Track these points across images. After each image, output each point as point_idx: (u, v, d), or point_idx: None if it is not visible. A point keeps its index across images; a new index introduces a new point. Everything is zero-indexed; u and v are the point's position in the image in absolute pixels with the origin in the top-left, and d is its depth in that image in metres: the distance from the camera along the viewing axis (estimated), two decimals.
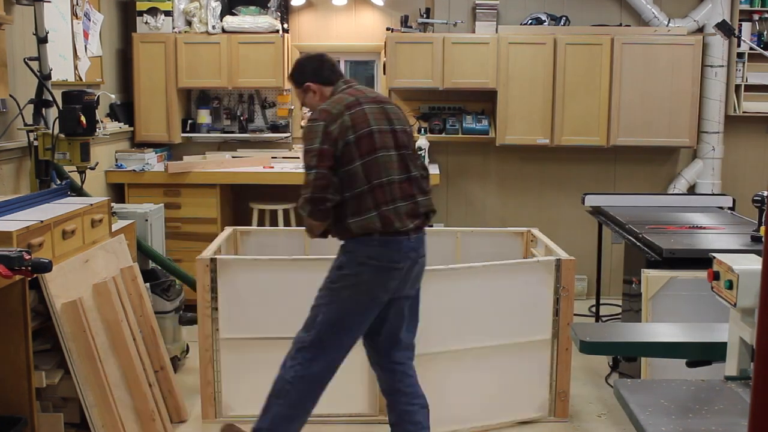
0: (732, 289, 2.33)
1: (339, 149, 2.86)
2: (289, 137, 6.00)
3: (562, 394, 3.79)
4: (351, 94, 3.00)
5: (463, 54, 5.53)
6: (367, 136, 2.91)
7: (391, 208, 2.89)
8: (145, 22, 5.60)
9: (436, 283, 3.52)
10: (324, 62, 3.12)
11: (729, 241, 3.79)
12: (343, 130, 2.87)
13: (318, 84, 3.08)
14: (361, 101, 2.98)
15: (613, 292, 5.82)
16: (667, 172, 6.00)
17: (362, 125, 2.91)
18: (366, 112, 2.95)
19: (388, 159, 2.93)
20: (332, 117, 2.90)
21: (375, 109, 2.99)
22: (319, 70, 3.09)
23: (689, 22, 5.75)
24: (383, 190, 2.89)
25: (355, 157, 2.88)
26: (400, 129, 3.03)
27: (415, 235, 2.95)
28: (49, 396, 3.27)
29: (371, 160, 2.90)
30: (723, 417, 2.08)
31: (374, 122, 2.95)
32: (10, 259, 2.55)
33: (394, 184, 2.92)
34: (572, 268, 3.73)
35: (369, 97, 3.03)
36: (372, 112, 2.97)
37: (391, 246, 2.89)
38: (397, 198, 2.91)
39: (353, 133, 2.89)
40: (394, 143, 2.97)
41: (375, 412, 3.76)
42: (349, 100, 2.97)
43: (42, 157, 3.97)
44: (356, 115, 2.92)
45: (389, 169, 2.92)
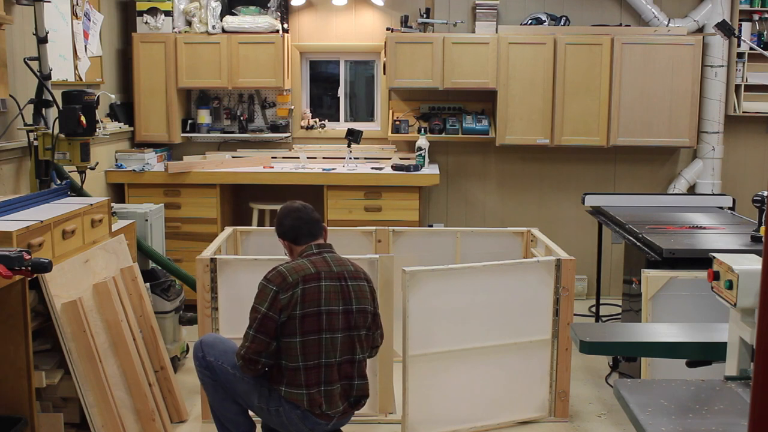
0: (732, 289, 2.33)
1: (281, 320, 2.83)
2: (289, 137, 6.00)
3: (562, 394, 3.79)
4: (315, 265, 2.92)
5: (463, 54, 5.53)
6: (315, 316, 2.85)
7: (322, 390, 2.88)
8: (145, 22, 5.60)
9: (435, 283, 3.53)
10: (302, 223, 3.04)
11: (729, 241, 3.79)
12: (292, 303, 2.82)
13: (287, 242, 3.06)
14: (322, 276, 2.89)
15: (613, 292, 5.82)
16: (667, 172, 6.00)
17: (312, 303, 2.85)
18: (321, 290, 2.87)
19: (330, 341, 2.87)
20: (286, 286, 2.84)
21: (332, 287, 2.90)
22: (296, 231, 3.03)
23: (689, 22, 5.75)
24: (318, 372, 2.86)
25: (296, 333, 2.83)
26: (357, 309, 2.94)
27: (338, 420, 2.96)
28: (49, 396, 3.27)
29: (312, 340, 2.85)
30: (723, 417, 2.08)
31: (325, 302, 2.87)
32: (10, 259, 2.55)
33: (331, 366, 2.89)
34: (572, 268, 3.73)
35: (332, 272, 2.92)
36: (327, 291, 2.88)
37: (307, 423, 2.90)
38: (331, 380, 2.90)
39: (300, 309, 2.83)
40: (343, 325, 2.90)
41: (375, 412, 3.76)
42: (309, 271, 2.88)
43: (42, 157, 3.97)
44: (309, 290, 2.85)
45: (329, 352, 2.87)
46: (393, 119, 5.78)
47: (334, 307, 2.89)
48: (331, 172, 5.43)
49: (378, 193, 5.34)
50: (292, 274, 2.85)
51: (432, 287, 3.52)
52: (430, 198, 6.02)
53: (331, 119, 6.15)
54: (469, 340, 3.61)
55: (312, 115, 6.10)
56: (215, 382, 3.02)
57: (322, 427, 2.94)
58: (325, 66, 6.19)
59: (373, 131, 6.00)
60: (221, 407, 3.06)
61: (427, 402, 3.57)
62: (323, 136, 6.03)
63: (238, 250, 4.41)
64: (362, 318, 2.95)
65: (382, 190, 5.34)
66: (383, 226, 4.55)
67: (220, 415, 3.08)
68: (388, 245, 4.43)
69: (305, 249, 3.00)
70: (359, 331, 2.94)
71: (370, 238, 4.45)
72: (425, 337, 3.52)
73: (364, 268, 3.63)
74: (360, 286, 2.98)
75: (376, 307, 3.05)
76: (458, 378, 3.62)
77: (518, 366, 3.73)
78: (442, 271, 3.57)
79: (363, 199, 5.31)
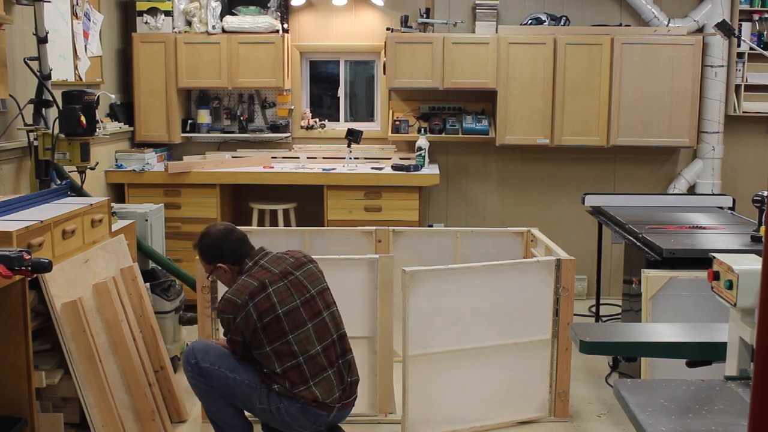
0: (732, 289, 2.33)
1: (247, 339, 2.94)
2: (289, 137, 6.00)
3: (562, 394, 3.79)
4: (256, 278, 2.97)
5: (463, 54, 5.53)
6: (275, 323, 2.92)
7: (315, 383, 2.94)
8: (145, 22, 5.60)
9: (435, 283, 3.53)
10: (239, 244, 3.10)
11: (729, 241, 3.79)
12: (250, 322, 2.91)
13: (228, 265, 3.10)
14: (267, 284, 2.95)
15: (613, 292, 5.82)
16: (667, 172, 6.00)
17: (267, 312, 2.92)
18: (272, 295, 2.94)
19: (305, 335, 2.95)
20: (237, 309, 2.92)
21: (283, 287, 2.97)
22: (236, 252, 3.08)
23: (689, 22, 5.75)
24: (299, 369, 2.92)
25: (264, 344, 2.92)
26: (318, 291, 3.04)
27: (338, 412, 3.00)
28: (49, 396, 3.27)
29: (282, 344, 2.92)
30: (723, 417, 2.08)
31: (280, 305, 2.94)
32: (10, 259, 2.55)
33: (315, 357, 2.95)
34: (572, 268, 3.73)
35: (275, 275, 2.98)
36: (279, 293, 2.95)
37: (308, 416, 2.95)
38: (320, 370, 2.95)
39: (259, 322, 2.91)
40: (310, 313, 2.98)
41: (375, 412, 3.76)
42: (253, 286, 2.94)
43: (42, 157, 3.96)
44: (261, 302, 2.92)
45: (305, 345, 2.94)
46: (393, 119, 5.78)
47: (292, 304, 2.95)
48: (331, 172, 5.43)
49: (378, 193, 5.34)
50: (239, 296, 2.94)
51: (432, 287, 3.51)
52: (430, 198, 6.02)
53: (331, 119, 6.15)
54: (468, 340, 3.61)
55: (312, 115, 6.10)
56: (210, 388, 3.03)
57: (323, 419, 2.96)
58: (325, 66, 6.19)
59: (373, 131, 6.00)
60: (218, 411, 3.08)
61: (427, 402, 3.56)
62: (323, 136, 6.03)
63: None
64: (326, 297, 3.08)
65: (382, 190, 5.34)
66: (383, 226, 4.55)
67: (217, 419, 3.10)
68: (388, 245, 4.43)
69: (243, 266, 3.07)
70: (329, 310, 3.06)
71: (370, 238, 4.45)
72: (425, 337, 3.52)
73: (364, 268, 3.65)
74: (308, 271, 3.07)
75: None
76: (458, 378, 3.62)
77: (518, 366, 3.73)
78: (442, 272, 3.57)
79: (363, 199, 5.31)
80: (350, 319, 3.67)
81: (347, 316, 3.66)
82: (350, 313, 3.67)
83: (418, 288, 3.48)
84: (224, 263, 3.10)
